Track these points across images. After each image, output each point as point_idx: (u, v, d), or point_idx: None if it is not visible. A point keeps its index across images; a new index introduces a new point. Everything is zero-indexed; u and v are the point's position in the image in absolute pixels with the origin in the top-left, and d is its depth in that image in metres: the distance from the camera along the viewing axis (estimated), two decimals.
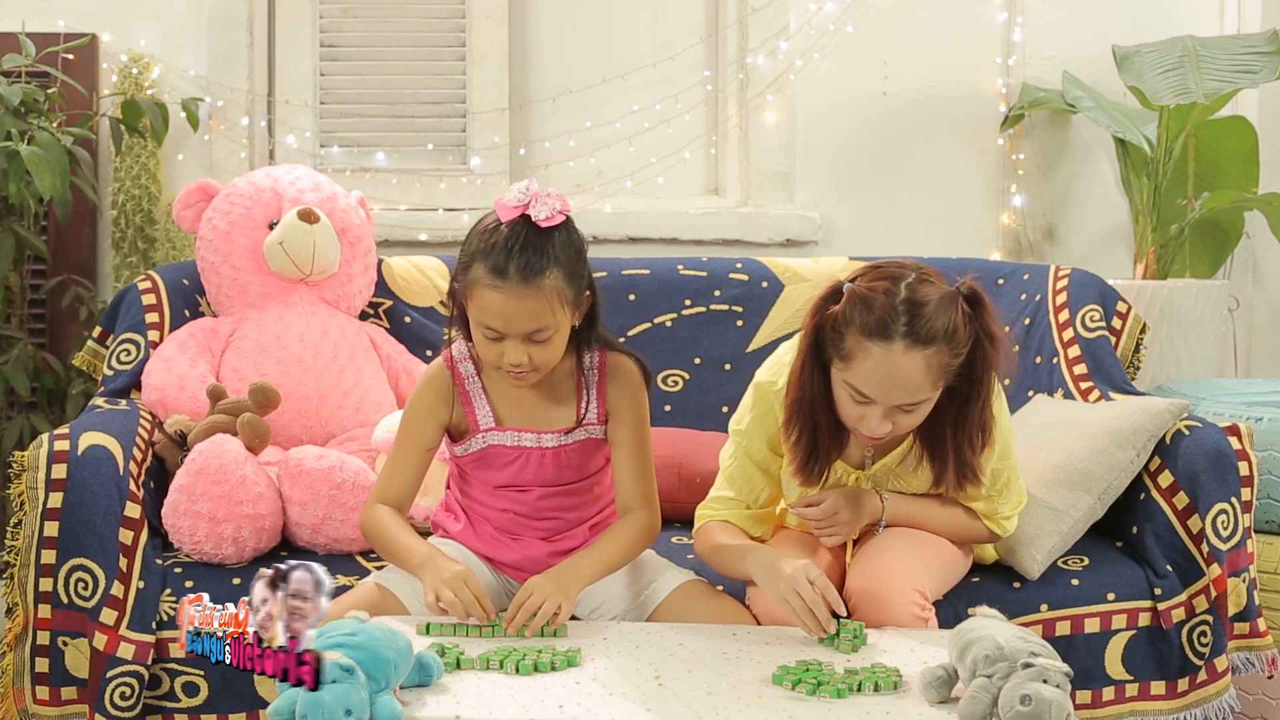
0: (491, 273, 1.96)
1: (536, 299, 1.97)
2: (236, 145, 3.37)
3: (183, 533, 2.29)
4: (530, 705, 1.66)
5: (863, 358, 1.91)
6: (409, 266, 2.99)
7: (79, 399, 3.12)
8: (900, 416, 1.95)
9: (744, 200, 3.48)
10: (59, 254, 3.27)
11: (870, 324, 1.89)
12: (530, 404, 2.11)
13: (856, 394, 1.94)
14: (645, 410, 2.14)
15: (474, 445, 2.13)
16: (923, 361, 1.89)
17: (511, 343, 2.00)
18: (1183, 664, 2.30)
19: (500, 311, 1.97)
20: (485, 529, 2.16)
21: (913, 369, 1.89)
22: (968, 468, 2.02)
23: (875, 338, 1.89)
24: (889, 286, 1.91)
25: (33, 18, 3.25)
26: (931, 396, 1.95)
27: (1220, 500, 2.32)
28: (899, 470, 2.14)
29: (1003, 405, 2.11)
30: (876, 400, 1.93)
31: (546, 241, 1.97)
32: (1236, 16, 3.55)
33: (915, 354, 1.88)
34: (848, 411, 1.98)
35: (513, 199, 1.99)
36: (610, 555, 2.07)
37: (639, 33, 3.50)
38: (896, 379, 1.90)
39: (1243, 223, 3.43)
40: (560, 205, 1.99)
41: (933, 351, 1.89)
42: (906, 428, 1.99)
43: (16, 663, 2.19)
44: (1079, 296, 2.78)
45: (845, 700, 1.69)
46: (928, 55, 3.50)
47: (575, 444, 2.12)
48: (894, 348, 1.89)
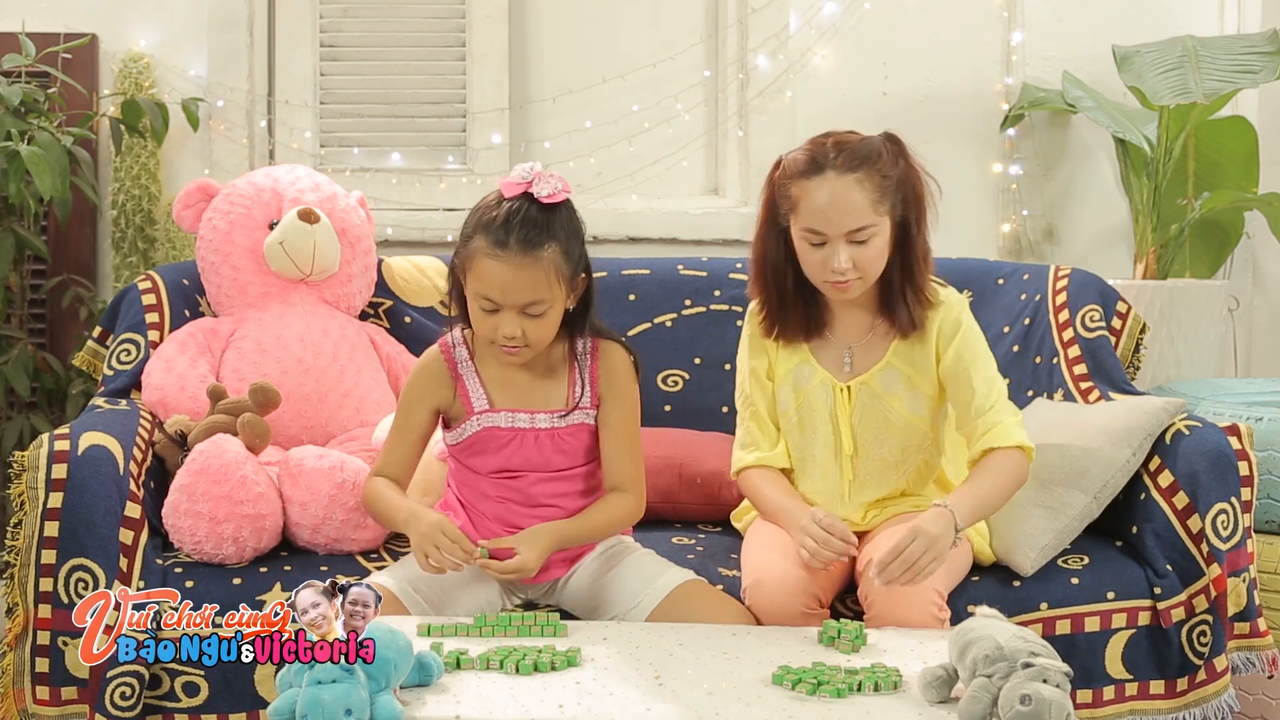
0: (492, 243, 2.05)
1: (534, 269, 2.04)
2: (236, 145, 3.37)
3: (183, 533, 2.29)
4: (530, 705, 1.66)
5: (807, 197, 2.14)
6: (409, 266, 2.99)
7: (79, 399, 3.12)
8: (857, 250, 2.13)
9: (744, 200, 3.48)
10: (59, 254, 3.27)
11: (807, 166, 2.15)
12: (524, 385, 2.16)
13: (812, 235, 2.15)
14: (635, 396, 2.21)
15: (469, 429, 2.16)
16: (856, 184, 2.12)
17: (507, 314, 2.06)
18: (1182, 663, 2.30)
19: (499, 280, 2.04)
20: (484, 521, 2.18)
21: (848, 191, 2.12)
22: (919, 290, 2.21)
23: (812, 175, 2.15)
24: (819, 140, 2.19)
25: (33, 18, 3.25)
26: (877, 223, 2.14)
27: (1220, 500, 2.32)
28: (878, 388, 2.22)
29: (973, 323, 2.24)
30: (829, 234, 2.13)
31: (548, 217, 2.07)
32: (1236, 16, 3.55)
33: (848, 178, 2.13)
34: (812, 261, 2.17)
35: (517, 176, 2.09)
36: (585, 527, 2.15)
37: (639, 33, 3.50)
38: (837, 204, 2.12)
39: (1243, 223, 3.44)
40: (562, 185, 2.09)
41: (863, 174, 2.13)
42: (866, 265, 2.15)
43: (17, 663, 2.19)
44: (1079, 296, 2.78)
45: (845, 700, 1.69)
46: (928, 55, 3.50)
47: (568, 428, 2.16)
48: (828, 176, 2.13)
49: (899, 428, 2.24)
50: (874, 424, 2.24)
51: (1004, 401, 2.20)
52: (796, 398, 2.27)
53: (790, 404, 2.28)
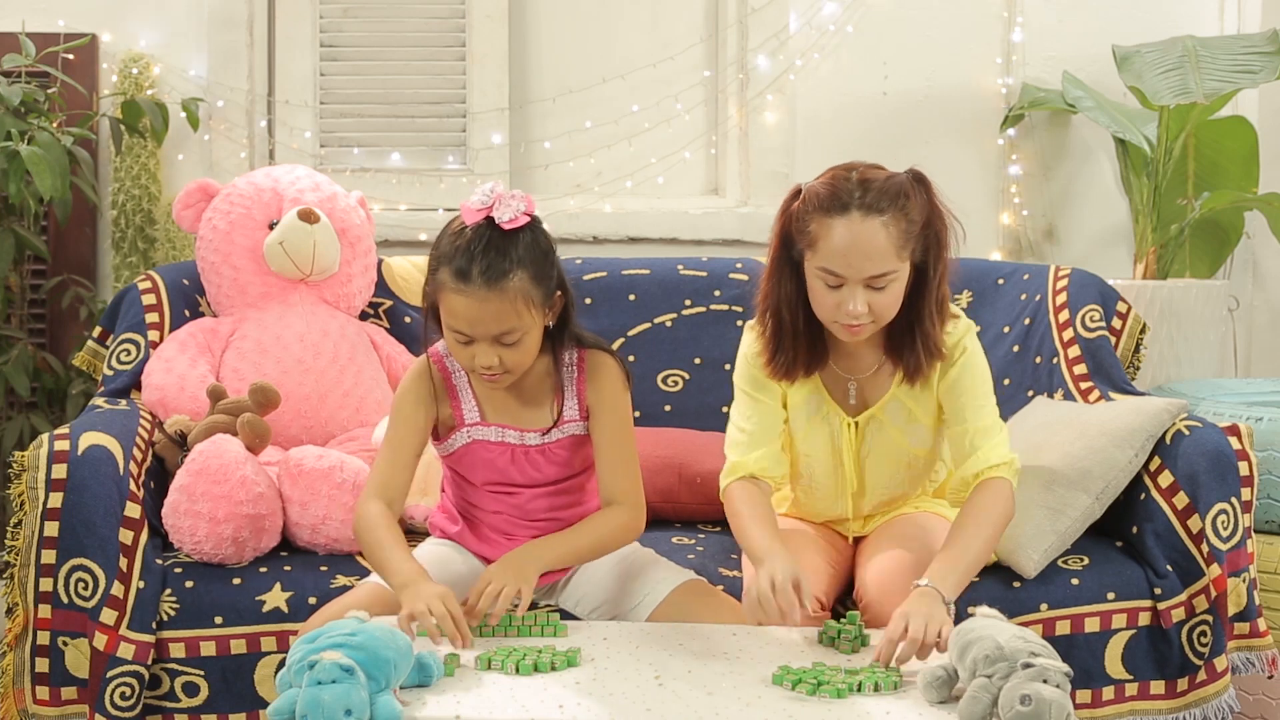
0: (455, 276, 1.97)
1: (501, 301, 1.96)
2: (236, 145, 3.37)
3: (183, 533, 2.29)
4: (530, 705, 1.66)
5: (827, 235, 2.03)
6: (409, 266, 2.99)
7: (79, 399, 3.12)
8: (874, 295, 2.03)
9: (744, 200, 3.48)
10: (59, 254, 3.27)
11: (829, 203, 2.03)
12: (511, 403, 2.11)
13: (829, 276, 2.04)
14: (626, 405, 2.13)
15: (458, 440, 2.12)
16: (880, 227, 2.01)
17: (481, 345, 1.99)
18: (1182, 664, 2.30)
19: (465, 315, 1.97)
20: (482, 529, 2.17)
21: (873, 235, 2.01)
22: (930, 339, 2.11)
23: (835, 213, 2.02)
24: (843, 173, 2.07)
25: (33, 18, 3.25)
26: (896, 269, 2.04)
27: (1220, 500, 2.32)
28: (885, 420, 2.17)
29: (978, 349, 2.16)
30: (847, 277, 2.02)
31: (510, 244, 1.98)
32: (1236, 16, 3.55)
33: (873, 221, 2.01)
34: (825, 302, 2.06)
35: (476, 201, 2.00)
36: (577, 544, 2.06)
37: (639, 33, 3.50)
38: (859, 247, 2.01)
39: (1243, 223, 3.43)
40: (525, 206, 1.99)
41: (889, 218, 2.02)
42: (881, 310, 2.05)
43: (16, 663, 2.19)
44: (1079, 296, 2.78)
45: (845, 700, 1.69)
46: (928, 55, 3.50)
47: (558, 441, 2.11)
48: (853, 217, 2.01)
49: (904, 460, 2.22)
50: (880, 457, 2.21)
51: (995, 424, 2.15)
52: (809, 426, 2.20)
53: (802, 430, 2.21)
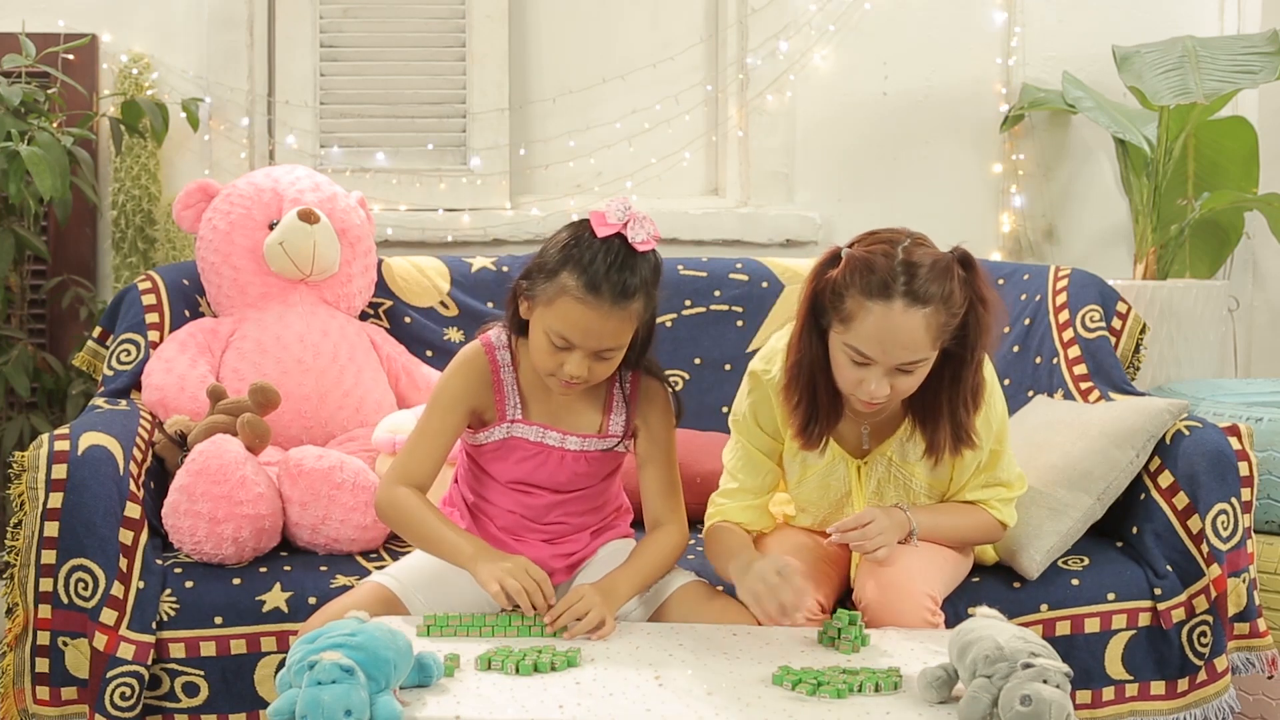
0: (585, 286, 1.95)
1: (621, 320, 1.98)
2: (236, 145, 3.37)
3: (183, 533, 2.29)
4: (530, 705, 1.66)
5: (863, 318, 1.94)
6: (409, 267, 2.99)
7: (79, 399, 3.12)
8: (899, 378, 1.97)
9: (744, 200, 3.48)
10: (59, 254, 3.27)
11: (871, 284, 1.93)
12: (559, 403, 2.11)
13: (857, 355, 1.96)
14: (674, 430, 2.17)
15: (496, 434, 2.11)
16: (922, 320, 1.93)
17: (577, 354, 1.99)
18: (1183, 664, 2.31)
19: (582, 324, 1.96)
20: (490, 528, 2.16)
21: (913, 327, 1.93)
22: (962, 429, 2.05)
23: (876, 297, 1.93)
24: (887, 249, 1.95)
25: (33, 18, 3.25)
26: (929, 357, 1.98)
27: (1220, 500, 2.32)
28: (895, 458, 2.15)
29: (998, 391, 2.13)
30: (877, 360, 1.95)
31: (640, 264, 1.98)
32: (1236, 16, 3.55)
33: (915, 312, 1.92)
34: (846, 376, 2.00)
35: (613, 216, 1.99)
36: (647, 571, 2.09)
37: (639, 33, 3.50)
38: (898, 337, 1.93)
39: (1243, 223, 3.44)
40: (654, 230, 2.00)
41: (931, 310, 1.93)
42: (903, 391, 2.00)
43: (16, 663, 2.19)
44: (1079, 297, 2.78)
45: (845, 700, 1.69)
46: (928, 55, 3.50)
47: (595, 452, 2.12)
48: (894, 306, 1.92)
49: (922, 494, 2.18)
50: (896, 495, 2.17)
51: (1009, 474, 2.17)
52: (804, 470, 2.19)
53: (796, 475, 2.20)
